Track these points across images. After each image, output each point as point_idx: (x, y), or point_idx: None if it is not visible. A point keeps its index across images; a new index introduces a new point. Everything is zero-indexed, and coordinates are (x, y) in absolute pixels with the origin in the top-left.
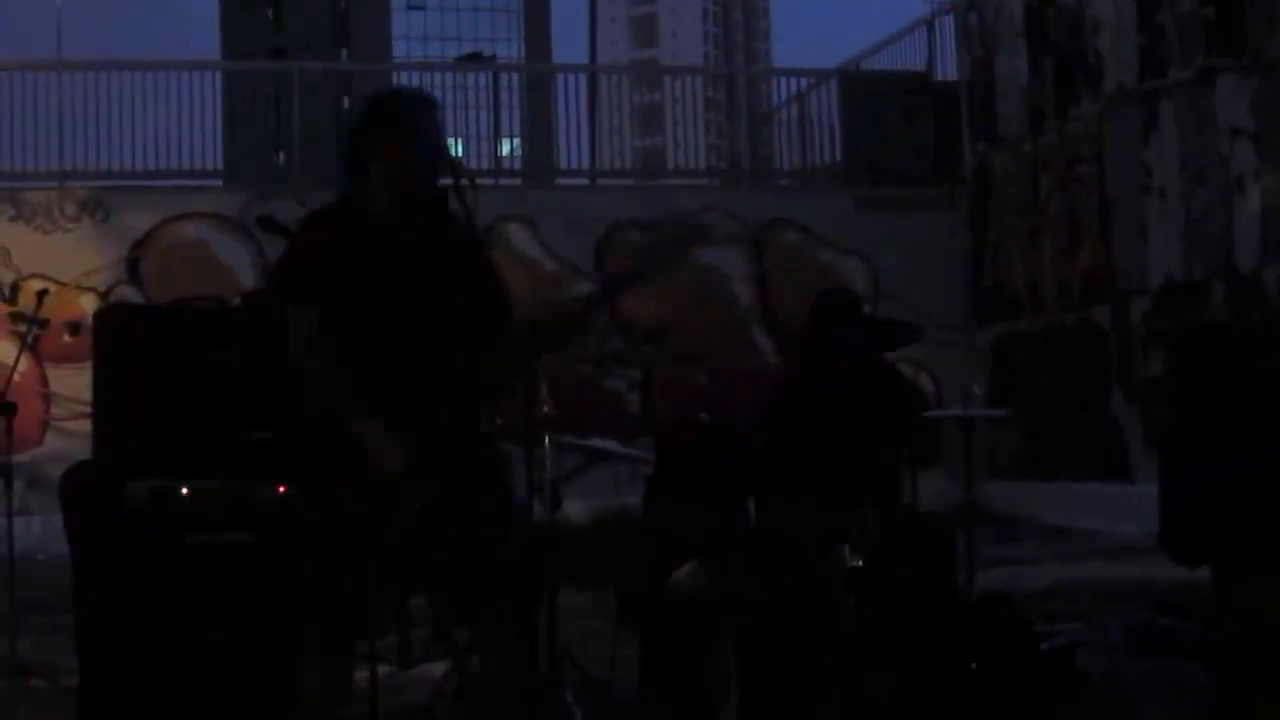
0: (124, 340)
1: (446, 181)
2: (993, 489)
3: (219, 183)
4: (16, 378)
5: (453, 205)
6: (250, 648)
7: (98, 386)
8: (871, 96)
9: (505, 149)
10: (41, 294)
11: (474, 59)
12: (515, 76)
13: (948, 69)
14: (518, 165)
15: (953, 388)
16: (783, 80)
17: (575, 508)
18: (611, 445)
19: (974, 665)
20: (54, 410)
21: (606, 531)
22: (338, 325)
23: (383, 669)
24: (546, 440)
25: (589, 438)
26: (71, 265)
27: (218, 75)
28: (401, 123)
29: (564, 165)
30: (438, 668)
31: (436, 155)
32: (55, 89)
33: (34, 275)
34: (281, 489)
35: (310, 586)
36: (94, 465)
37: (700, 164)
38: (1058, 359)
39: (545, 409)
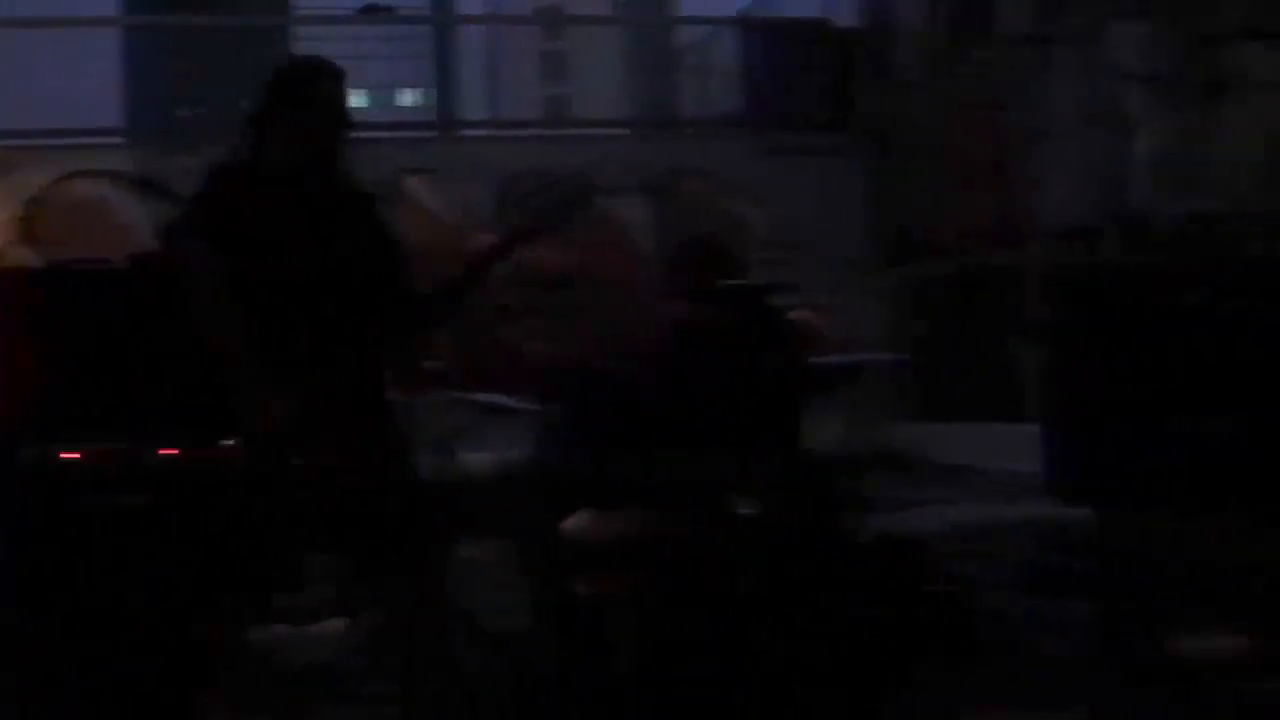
0: (13, 305)
1: (346, 142)
2: (897, 431)
3: (119, 140)
4: None
5: (350, 166)
6: (150, 609)
7: None
8: (772, 43)
9: (409, 100)
10: None
11: (374, 11)
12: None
13: (847, 14)
14: (424, 117)
15: (857, 332)
16: (687, 28)
17: (479, 460)
18: (502, 399)
19: (867, 607)
20: None
21: (500, 484)
22: (237, 282)
23: (284, 627)
24: (439, 395)
25: (494, 391)
26: None
27: (117, 31)
28: (304, 92)
29: (468, 116)
30: (338, 624)
31: (338, 123)
32: None
33: None
34: (175, 451)
35: (206, 545)
36: None
37: (608, 113)
38: (959, 302)
39: (439, 365)
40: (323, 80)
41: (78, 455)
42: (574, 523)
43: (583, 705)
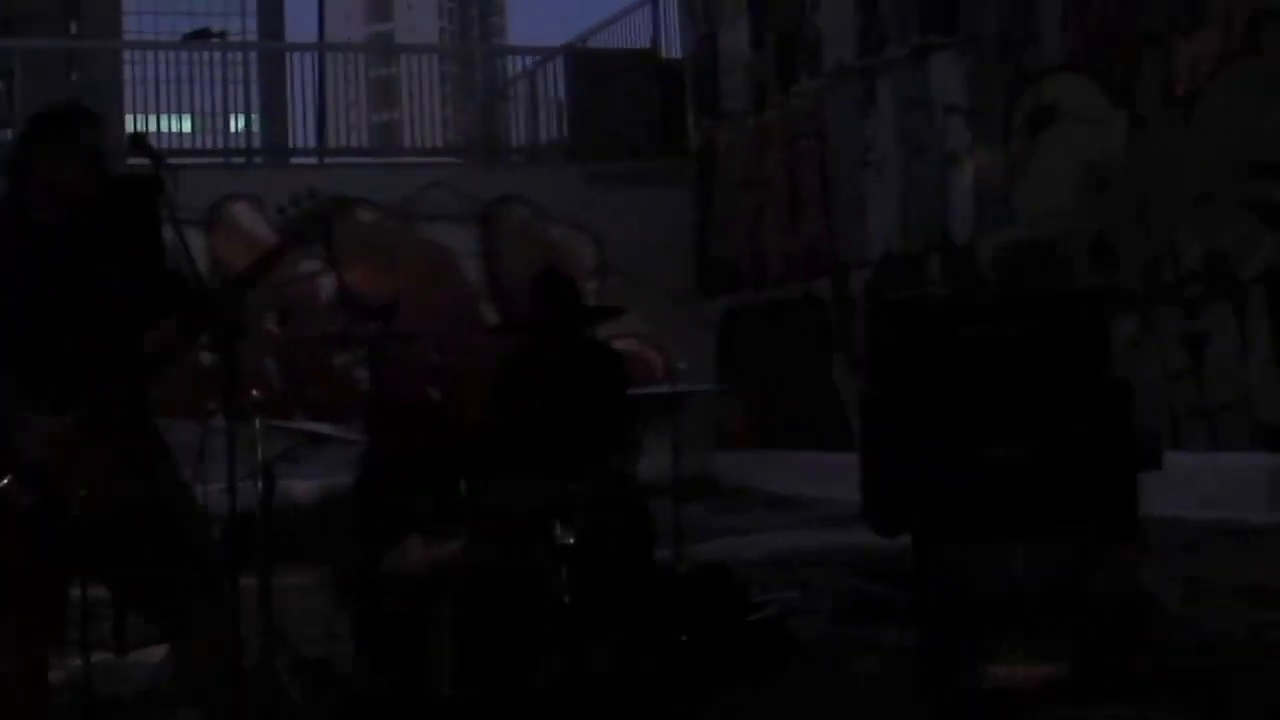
0: None
1: (139, 165)
2: (720, 459)
3: None
4: None
5: (121, 196)
6: None
7: None
8: (598, 73)
9: (237, 126)
10: None
11: (203, 35)
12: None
13: (673, 46)
14: (253, 143)
15: (680, 361)
16: (515, 57)
17: (302, 488)
18: (324, 428)
19: (684, 636)
20: None
21: (325, 511)
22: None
23: (99, 656)
24: (257, 422)
25: (318, 418)
26: None
27: None
28: (60, 140)
29: (297, 144)
30: (156, 651)
31: (95, 166)
32: None
33: None
34: None
35: None
36: None
37: (436, 140)
38: (782, 330)
39: (254, 393)
40: (75, 125)
41: None
42: (397, 551)
43: None
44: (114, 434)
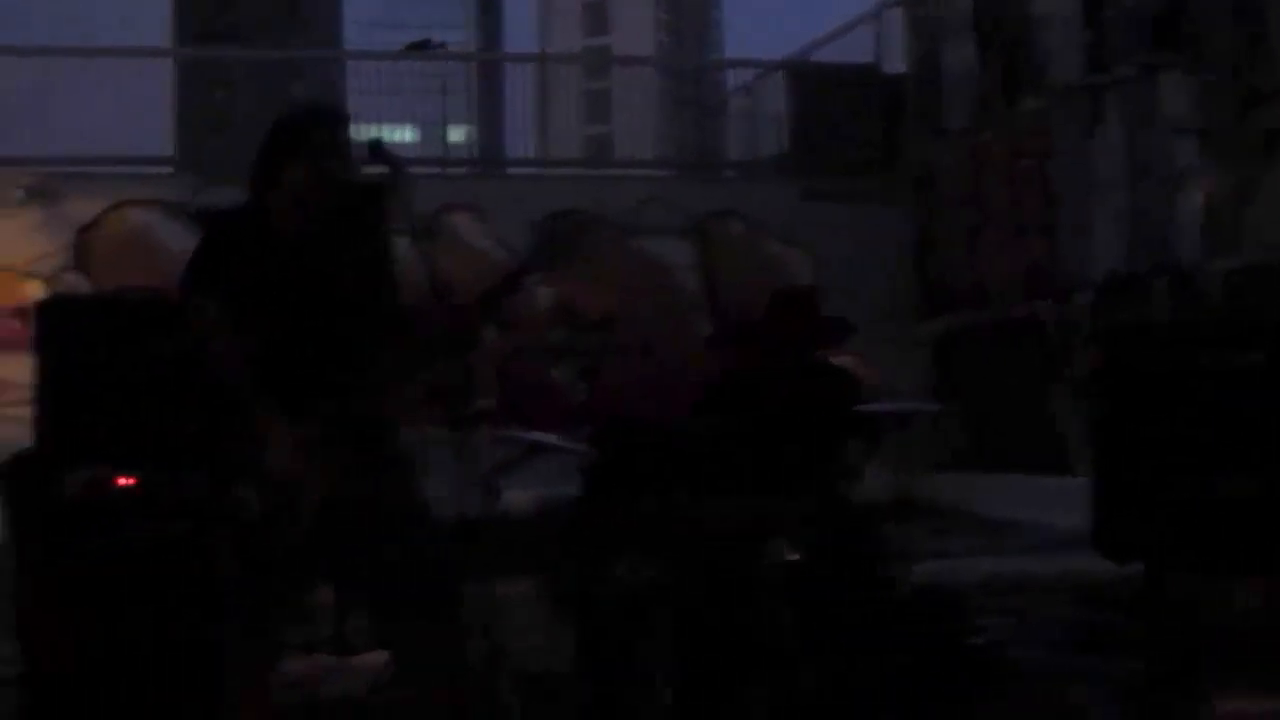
0: (63, 331)
1: (374, 175)
2: (936, 482)
3: (170, 169)
4: None
5: (359, 204)
6: (185, 636)
7: (38, 377)
8: (819, 88)
9: (455, 137)
10: None
11: (421, 46)
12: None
13: (895, 61)
14: (470, 153)
15: (894, 381)
16: (733, 71)
17: (520, 499)
18: (550, 438)
19: (903, 659)
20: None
21: (546, 523)
22: (245, 326)
23: (322, 658)
24: (483, 432)
25: (533, 430)
26: (17, 251)
27: (169, 62)
28: (306, 142)
29: (512, 154)
30: (377, 657)
31: (341, 169)
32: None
33: None
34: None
35: (229, 578)
36: (34, 455)
37: (648, 153)
38: (1001, 353)
39: (481, 403)
40: (323, 127)
41: (123, 482)
42: (617, 566)
43: None
44: (349, 442)
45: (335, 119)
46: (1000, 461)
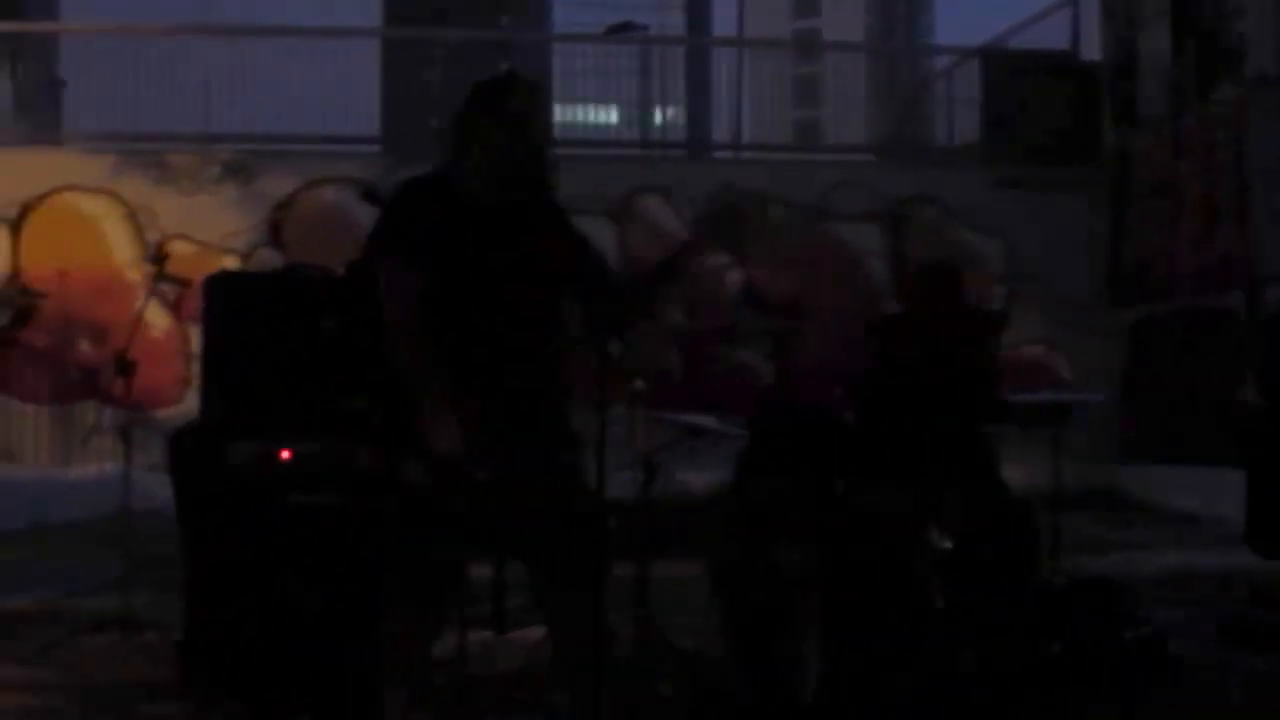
0: (231, 307)
1: (550, 156)
2: (1123, 473)
3: (376, 148)
4: (159, 335)
5: (549, 179)
6: (343, 605)
7: (205, 351)
8: (1014, 75)
9: (660, 119)
10: (160, 254)
11: (624, 29)
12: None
13: (1091, 49)
14: (672, 135)
15: (1086, 370)
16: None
17: (700, 481)
18: (708, 421)
19: (1056, 648)
20: (194, 369)
21: (704, 505)
22: (429, 294)
23: (479, 634)
24: (645, 414)
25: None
26: (214, 227)
27: (375, 42)
28: (505, 109)
29: (718, 137)
30: (534, 633)
31: (538, 138)
32: (201, 54)
33: (177, 236)
34: (376, 454)
35: (390, 550)
36: (200, 427)
37: (857, 138)
38: (1192, 343)
39: (637, 384)
40: (521, 94)
41: (285, 453)
42: (766, 548)
43: None
44: (521, 417)
45: (532, 88)
46: (1191, 454)
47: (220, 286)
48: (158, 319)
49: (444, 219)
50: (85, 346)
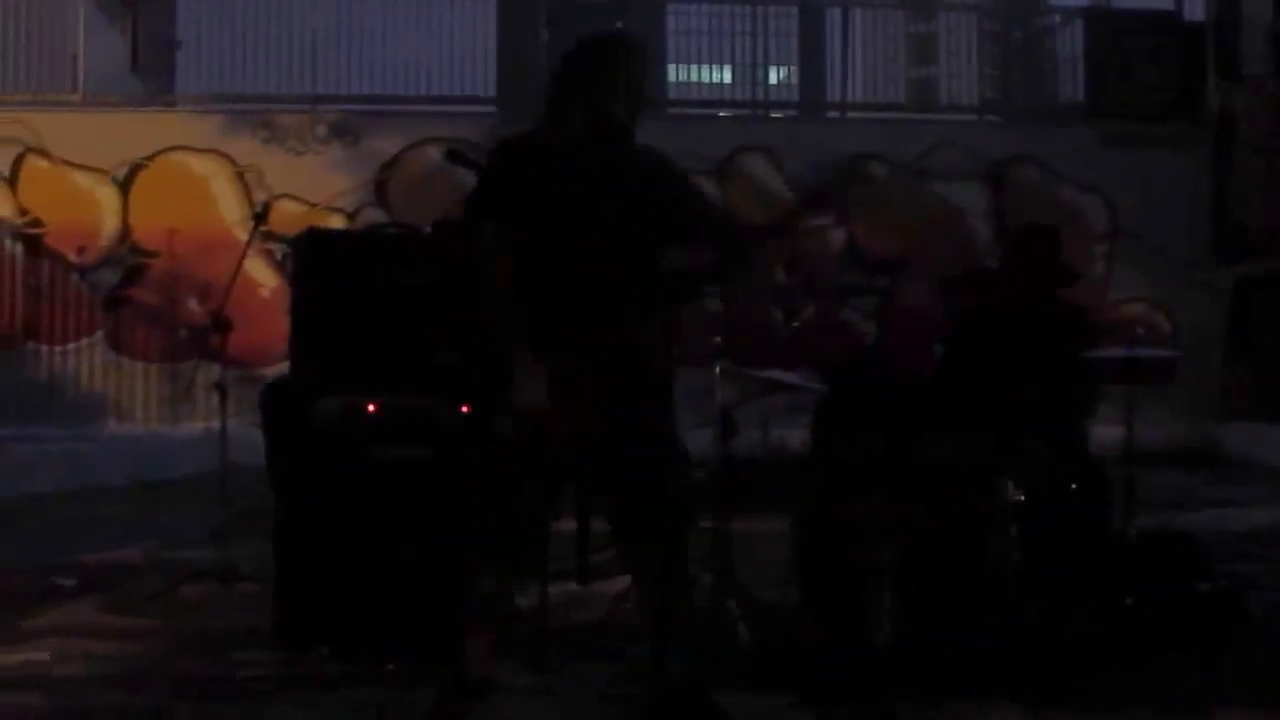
0: (319, 264)
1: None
2: (1228, 431)
3: (491, 109)
4: (266, 294)
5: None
6: (428, 556)
7: (294, 308)
8: (1118, 34)
9: (774, 78)
10: (262, 211)
11: None
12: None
13: (1194, 7)
14: (785, 96)
15: (1190, 327)
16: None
17: (798, 438)
18: (790, 376)
19: (1128, 601)
20: None
21: (786, 461)
22: (525, 249)
23: (562, 586)
24: (723, 369)
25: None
26: (321, 187)
27: (493, 2)
28: (606, 68)
29: (832, 96)
30: (618, 584)
31: (634, 95)
32: (308, 14)
33: (285, 196)
34: (463, 409)
35: (474, 502)
36: (290, 382)
37: (972, 98)
38: None
39: (717, 339)
40: (617, 53)
41: (372, 408)
42: (843, 502)
43: (843, 678)
44: (609, 377)
45: (633, 47)
46: None
47: (308, 244)
48: (265, 278)
49: (540, 176)
50: (194, 305)
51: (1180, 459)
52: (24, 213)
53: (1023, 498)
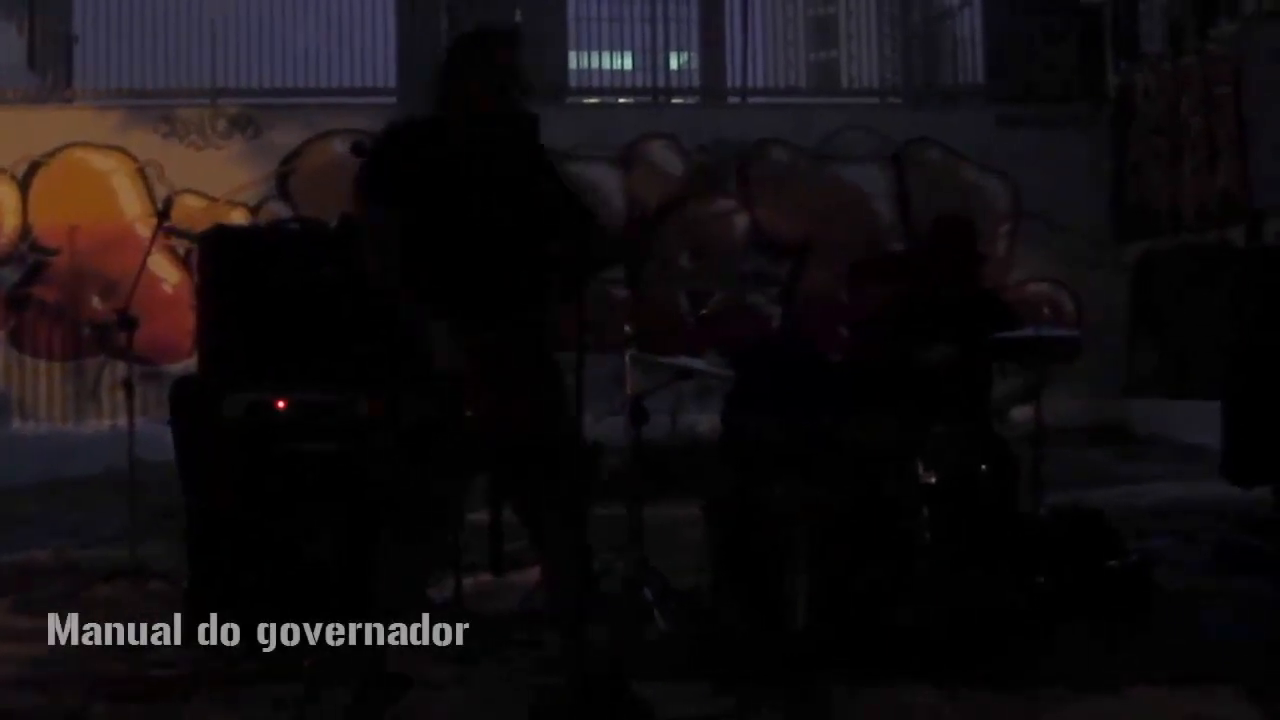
0: (226, 261)
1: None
2: (1133, 407)
3: (391, 100)
4: (170, 290)
5: (527, 125)
6: (338, 548)
7: (201, 305)
8: (1017, 15)
9: (674, 64)
10: (164, 207)
11: None
12: None
13: None
14: (686, 82)
15: (1094, 305)
16: None
17: (707, 424)
18: (695, 363)
19: (1040, 579)
20: None
21: (696, 446)
22: (413, 231)
23: (477, 577)
24: (632, 357)
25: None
26: (223, 181)
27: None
28: (487, 60)
29: (733, 81)
30: (532, 575)
31: (513, 87)
32: (207, 7)
33: (187, 191)
34: (371, 402)
35: (384, 489)
36: (199, 379)
37: (872, 80)
38: (1195, 277)
39: (626, 328)
40: (499, 46)
41: (279, 404)
42: (754, 486)
43: (760, 662)
44: (513, 358)
45: (513, 40)
46: (1197, 388)
47: (215, 241)
48: (168, 274)
49: (427, 160)
50: (96, 302)
51: (1087, 436)
52: None
53: (933, 479)
